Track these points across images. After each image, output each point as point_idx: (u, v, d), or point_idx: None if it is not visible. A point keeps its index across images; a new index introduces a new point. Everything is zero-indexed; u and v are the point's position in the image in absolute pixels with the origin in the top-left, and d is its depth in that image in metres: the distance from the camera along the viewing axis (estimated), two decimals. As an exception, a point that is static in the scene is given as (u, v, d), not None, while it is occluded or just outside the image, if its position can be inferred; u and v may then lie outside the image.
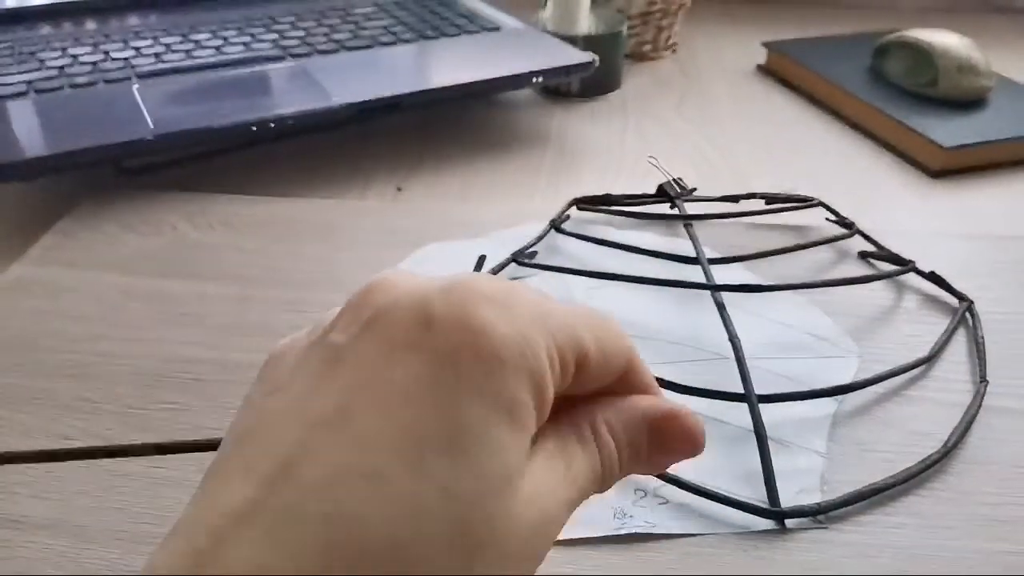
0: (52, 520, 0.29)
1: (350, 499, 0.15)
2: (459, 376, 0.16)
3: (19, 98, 0.50)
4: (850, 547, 0.28)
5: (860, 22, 0.80)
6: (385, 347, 0.17)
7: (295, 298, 0.40)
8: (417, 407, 0.16)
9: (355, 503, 0.14)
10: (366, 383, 0.16)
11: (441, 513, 0.15)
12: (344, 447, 0.15)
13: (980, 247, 0.45)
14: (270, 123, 0.49)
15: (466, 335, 0.16)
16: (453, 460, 0.15)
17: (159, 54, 0.57)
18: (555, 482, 0.17)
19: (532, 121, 0.62)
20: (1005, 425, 0.33)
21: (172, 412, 0.33)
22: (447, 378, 0.16)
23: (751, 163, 0.56)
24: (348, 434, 0.15)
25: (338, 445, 0.15)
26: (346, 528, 0.14)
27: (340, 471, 0.15)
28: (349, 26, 0.62)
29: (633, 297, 0.40)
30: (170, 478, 0.30)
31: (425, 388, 0.16)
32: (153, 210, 0.47)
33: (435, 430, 0.15)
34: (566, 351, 0.18)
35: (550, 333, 0.17)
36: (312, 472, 0.15)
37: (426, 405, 0.16)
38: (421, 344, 0.16)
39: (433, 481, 0.15)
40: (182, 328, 0.38)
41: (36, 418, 0.33)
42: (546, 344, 0.17)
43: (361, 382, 0.16)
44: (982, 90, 0.59)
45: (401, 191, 0.52)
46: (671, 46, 0.75)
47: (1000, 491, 0.30)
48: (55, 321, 0.38)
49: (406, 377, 0.16)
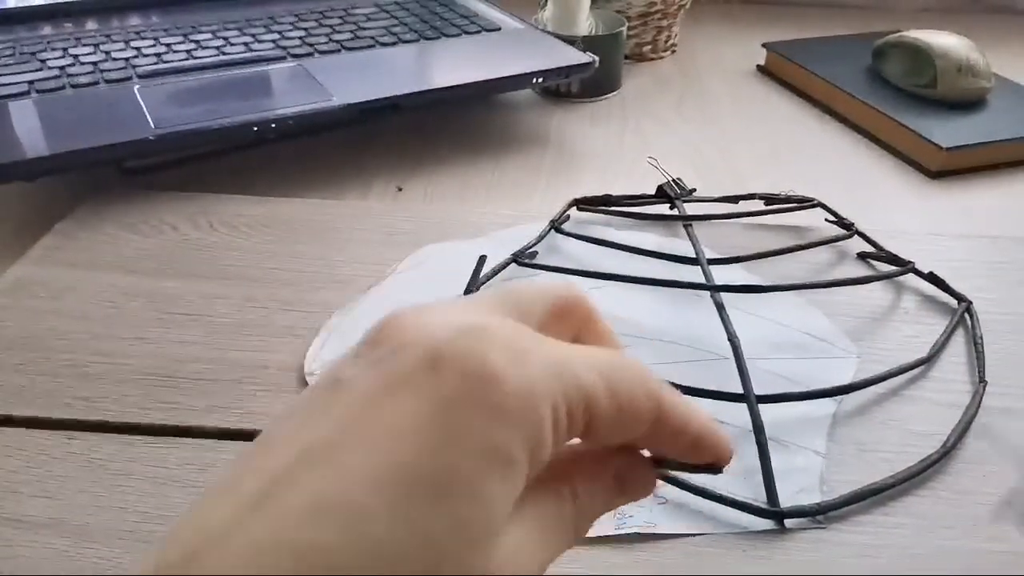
0: (54, 519, 0.29)
1: (325, 533, 0.14)
2: (458, 423, 0.15)
3: (20, 98, 0.50)
4: (849, 547, 0.28)
5: (859, 23, 0.80)
6: (387, 384, 0.16)
7: (295, 298, 0.40)
8: (409, 448, 0.15)
9: (329, 537, 0.14)
10: (360, 417, 0.16)
11: (416, 558, 0.15)
12: (327, 479, 0.15)
13: (979, 247, 0.45)
14: (271, 123, 0.49)
15: (472, 382, 0.16)
16: (437, 507, 0.15)
17: (160, 54, 0.57)
18: (533, 543, 0.17)
19: (532, 121, 0.62)
20: (1005, 425, 0.33)
21: (172, 412, 0.33)
22: (445, 423, 0.15)
23: (750, 164, 0.56)
24: (333, 466, 0.15)
25: (322, 477, 0.15)
26: (317, 562, 0.14)
27: (319, 503, 0.15)
28: (350, 27, 0.62)
29: (632, 297, 0.40)
30: (172, 478, 0.30)
31: (420, 430, 0.15)
32: (154, 210, 0.48)
33: (424, 474, 0.15)
34: (575, 409, 0.17)
35: (562, 389, 0.17)
36: (291, 501, 0.15)
37: (418, 447, 0.15)
38: (424, 385, 0.16)
39: (413, 525, 0.15)
40: (182, 328, 0.38)
41: (36, 417, 0.33)
42: (553, 400, 0.16)
43: (356, 416, 0.16)
44: (981, 91, 0.59)
45: (401, 191, 0.52)
46: (671, 47, 0.75)
47: (1000, 491, 0.30)
48: (56, 321, 0.38)
49: (403, 416, 0.15)
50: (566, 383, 0.17)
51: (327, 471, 0.15)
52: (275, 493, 0.15)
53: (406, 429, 0.15)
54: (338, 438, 0.15)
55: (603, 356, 0.18)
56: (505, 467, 0.16)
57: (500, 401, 0.16)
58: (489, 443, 0.15)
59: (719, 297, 0.36)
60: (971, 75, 0.59)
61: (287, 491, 0.15)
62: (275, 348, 0.37)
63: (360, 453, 0.15)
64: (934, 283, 0.41)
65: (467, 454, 0.15)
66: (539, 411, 0.16)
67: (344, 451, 0.15)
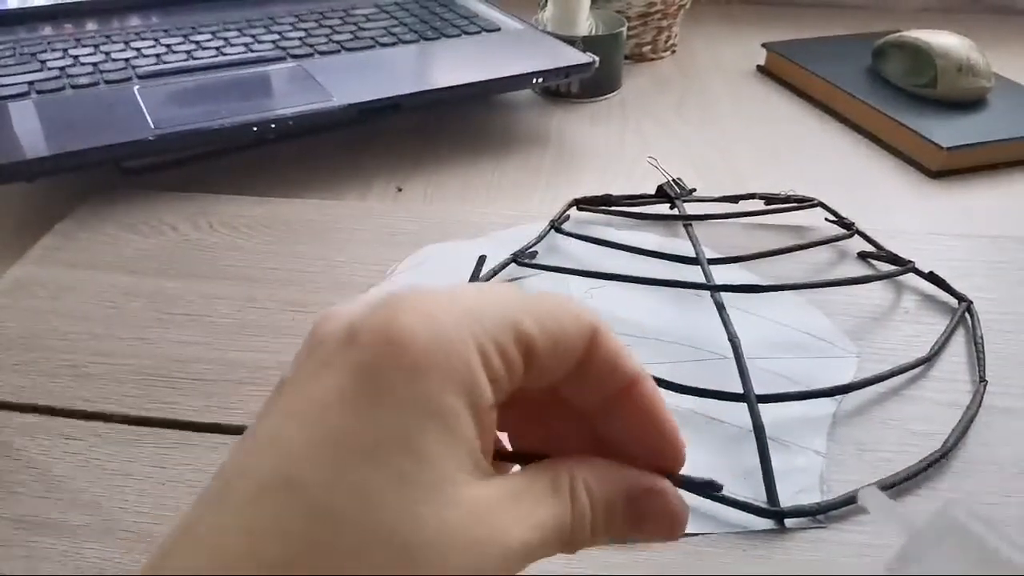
0: (53, 520, 0.29)
1: (269, 511, 0.15)
2: (379, 387, 0.16)
3: (21, 99, 0.50)
4: (849, 547, 0.28)
5: (859, 23, 0.80)
6: (314, 367, 0.17)
7: (295, 298, 0.40)
8: (337, 418, 0.16)
9: (273, 515, 0.15)
10: (293, 401, 0.17)
11: (359, 519, 0.15)
12: (268, 463, 0.16)
13: (979, 247, 0.45)
14: (271, 124, 0.49)
15: (386, 347, 0.16)
16: (373, 465, 0.15)
17: (160, 55, 0.57)
18: (514, 516, 0.17)
19: (532, 122, 0.62)
20: (1005, 425, 0.33)
21: (172, 412, 0.33)
22: (367, 389, 0.16)
23: (750, 164, 0.56)
24: (273, 451, 0.16)
25: (266, 460, 0.16)
26: (267, 539, 0.15)
27: (263, 485, 0.15)
28: (350, 27, 0.62)
29: (632, 297, 0.40)
30: (172, 478, 0.30)
31: (346, 400, 0.16)
32: (154, 211, 0.48)
33: (354, 440, 0.16)
34: (507, 345, 0.17)
35: (485, 331, 0.17)
36: (241, 488, 0.16)
37: (346, 416, 0.16)
38: (344, 359, 0.16)
39: (351, 487, 0.15)
40: (182, 328, 0.38)
41: (37, 417, 0.33)
42: (477, 344, 0.17)
43: (290, 403, 0.17)
44: (981, 91, 0.59)
45: (401, 191, 0.52)
46: (670, 47, 0.75)
47: (1000, 491, 0.30)
48: (56, 321, 0.38)
49: (327, 391, 0.16)
50: (487, 324, 0.17)
51: (269, 454, 0.16)
52: (230, 484, 0.16)
53: (332, 401, 0.16)
54: (278, 423, 0.16)
55: (529, 295, 0.19)
56: (439, 417, 0.16)
57: (416, 357, 0.16)
58: (413, 397, 0.16)
59: (719, 297, 0.36)
60: (971, 75, 0.59)
61: (238, 480, 0.16)
62: (275, 348, 0.37)
63: (294, 430, 0.16)
64: (934, 282, 0.41)
65: (394, 412, 0.16)
66: (461, 356, 0.16)
67: (282, 435, 0.16)
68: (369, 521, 0.15)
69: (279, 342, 0.37)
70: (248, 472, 0.16)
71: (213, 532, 0.15)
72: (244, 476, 0.16)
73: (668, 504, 0.19)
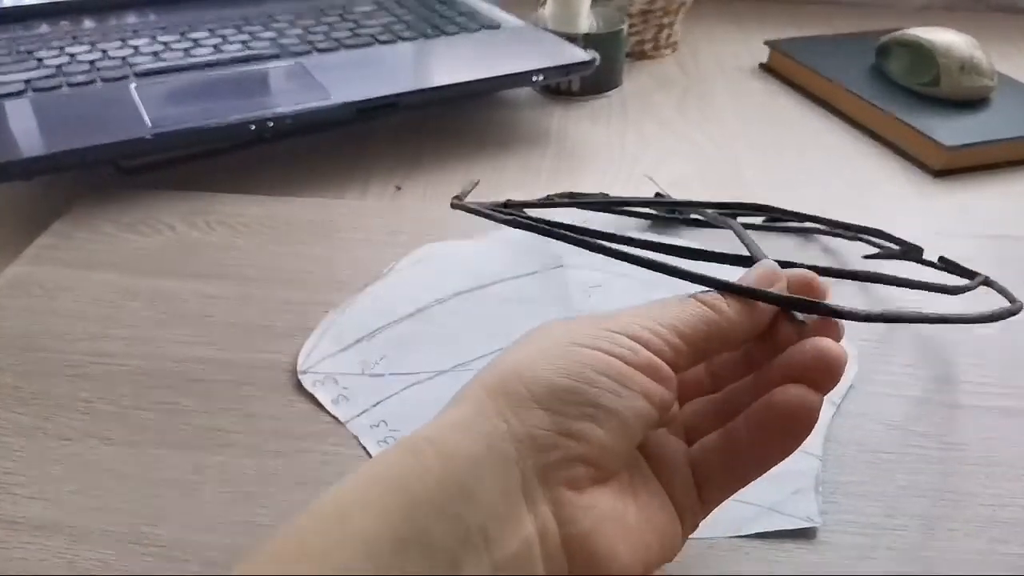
0: (49, 520, 0.29)
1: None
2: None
3: (17, 97, 0.50)
4: (850, 547, 0.28)
5: (862, 21, 0.79)
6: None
7: (294, 298, 0.40)
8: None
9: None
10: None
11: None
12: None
13: (981, 246, 0.44)
14: (269, 122, 0.48)
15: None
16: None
17: (157, 52, 0.56)
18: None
19: (532, 120, 0.61)
20: (1005, 425, 0.33)
21: (170, 413, 0.33)
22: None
23: (752, 162, 0.56)
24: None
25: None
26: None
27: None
28: (348, 24, 0.62)
29: (636, 298, 0.39)
30: (167, 479, 0.30)
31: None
32: (151, 210, 0.47)
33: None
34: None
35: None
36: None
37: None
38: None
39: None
40: (181, 328, 0.38)
41: (33, 418, 0.33)
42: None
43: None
44: (984, 89, 0.59)
45: (400, 190, 0.52)
46: (672, 44, 0.75)
47: (1000, 492, 0.30)
48: (52, 321, 0.38)
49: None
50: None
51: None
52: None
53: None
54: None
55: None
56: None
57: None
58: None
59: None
60: (974, 73, 0.58)
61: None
62: (273, 348, 0.37)
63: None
64: (946, 268, 0.39)
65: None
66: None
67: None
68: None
69: (277, 341, 0.37)
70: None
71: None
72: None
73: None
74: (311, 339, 0.37)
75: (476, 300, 0.39)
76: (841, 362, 0.22)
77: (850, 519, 0.29)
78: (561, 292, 0.40)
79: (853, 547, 0.28)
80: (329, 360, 0.36)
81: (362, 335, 0.37)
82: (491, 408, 0.20)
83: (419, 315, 0.38)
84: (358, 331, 0.37)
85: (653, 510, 0.22)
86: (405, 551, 0.17)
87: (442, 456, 0.19)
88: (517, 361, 0.21)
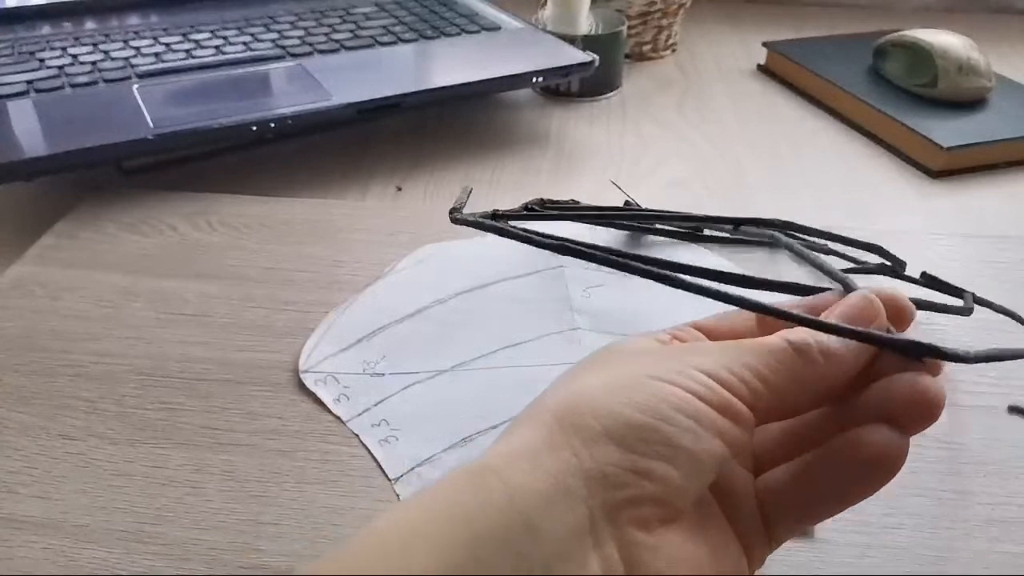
0: (53, 520, 0.29)
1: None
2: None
3: (19, 98, 0.50)
4: (849, 547, 0.28)
5: (860, 22, 0.80)
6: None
7: (295, 298, 0.40)
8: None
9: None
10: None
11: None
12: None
13: (980, 247, 0.45)
14: (270, 123, 0.49)
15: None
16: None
17: (159, 54, 0.57)
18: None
19: (532, 121, 0.62)
20: (1005, 425, 0.33)
21: (172, 412, 0.33)
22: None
23: (751, 163, 0.56)
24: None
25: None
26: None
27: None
28: (349, 26, 0.62)
29: (633, 299, 0.40)
30: (170, 478, 0.30)
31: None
32: (153, 210, 0.47)
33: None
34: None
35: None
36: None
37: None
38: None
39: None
40: (182, 328, 0.38)
41: (35, 417, 0.33)
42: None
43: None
44: (982, 90, 0.59)
45: (401, 191, 0.52)
46: (671, 46, 0.75)
47: (999, 491, 0.30)
48: (55, 321, 0.38)
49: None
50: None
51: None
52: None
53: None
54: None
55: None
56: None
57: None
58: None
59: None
60: (972, 74, 0.58)
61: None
62: (274, 348, 0.37)
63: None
64: (928, 285, 0.38)
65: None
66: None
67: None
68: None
69: (278, 341, 0.37)
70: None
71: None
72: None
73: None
74: (312, 339, 0.37)
75: (476, 300, 0.39)
76: (941, 404, 0.21)
77: (849, 517, 0.29)
78: (561, 292, 0.40)
79: (852, 546, 0.28)
80: (330, 360, 0.36)
81: (363, 335, 0.37)
82: (561, 440, 0.19)
83: (419, 315, 0.38)
84: (359, 331, 0.37)
85: (721, 549, 0.21)
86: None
87: (508, 489, 0.18)
88: (587, 390, 0.20)
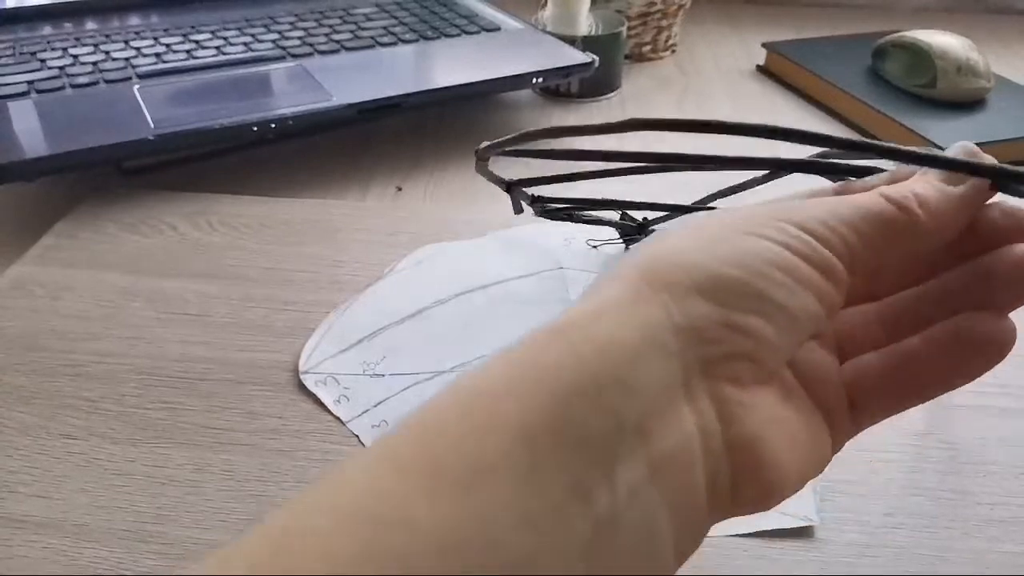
0: (53, 519, 0.29)
1: None
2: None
3: (20, 98, 0.50)
4: (849, 547, 0.28)
5: (859, 23, 0.80)
6: None
7: (295, 298, 0.40)
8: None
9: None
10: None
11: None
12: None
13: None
14: (271, 123, 0.49)
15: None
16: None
17: (160, 54, 0.57)
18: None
19: (531, 122, 0.62)
20: (1005, 425, 0.33)
21: (172, 412, 0.33)
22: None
23: (750, 164, 0.56)
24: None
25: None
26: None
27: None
28: (349, 26, 0.62)
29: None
30: (171, 478, 0.30)
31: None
32: (154, 210, 0.48)
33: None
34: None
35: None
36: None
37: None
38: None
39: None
40: (182, 328, 0.38)
41: (36, 417, 0.33)
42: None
43: None
44: (981, 91, 0.59)
45: (401, 191, 0.52)
46: (670, 47, 0.75)
47: (998, 491, 0.30)
48: (55, 321, 0.38)
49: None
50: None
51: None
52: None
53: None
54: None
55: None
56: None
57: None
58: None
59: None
60: (971, 75, 0.59)
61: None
62: (274, 348, 0.37)
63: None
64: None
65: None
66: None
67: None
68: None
69: (278, 341, 0.37)
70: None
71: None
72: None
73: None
74: (312, 339, 0.37)
75: (476, 300, 0.39)
76: None
77: (848, 517, 0.29)
78: (561, 293, 0.40)
79: (851, 545, 0.28)
80: (330, 360, 0.36)
81: (363, 335, 0.37)
82: (649, 295, 0.18)
83: (419, 315, 0.38)
84: (359, 331, 0.37)
85: (809, 420, 0.20)
86: (561, 443, 0.15)
87: (596, 344, 0.17)
88: (675, 247, 0.19)
